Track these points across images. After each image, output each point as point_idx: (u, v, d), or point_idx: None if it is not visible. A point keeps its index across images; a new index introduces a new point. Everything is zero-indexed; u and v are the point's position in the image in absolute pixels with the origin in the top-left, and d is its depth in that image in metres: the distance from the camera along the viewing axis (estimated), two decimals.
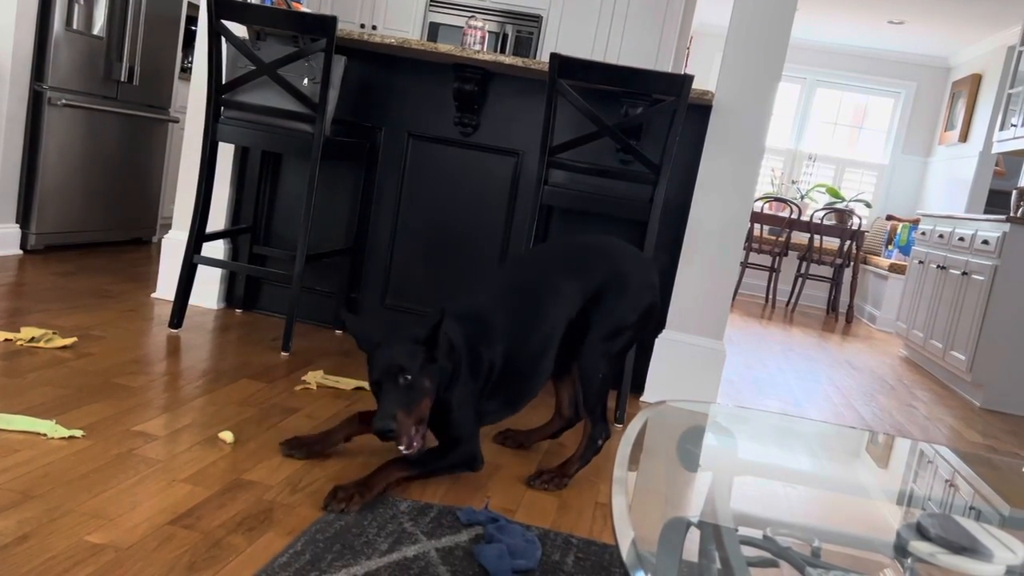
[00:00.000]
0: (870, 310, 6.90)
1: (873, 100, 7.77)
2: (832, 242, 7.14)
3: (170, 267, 3.26)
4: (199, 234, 2.82)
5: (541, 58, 5.61)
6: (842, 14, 6.64)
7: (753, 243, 6.91)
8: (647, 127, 2.99)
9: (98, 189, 4.18)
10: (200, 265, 2.91)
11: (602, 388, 1.98)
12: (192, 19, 4.83)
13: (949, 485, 1.59)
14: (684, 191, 2.97)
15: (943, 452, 1.95)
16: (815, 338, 5.48)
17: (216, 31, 2.68)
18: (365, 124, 3.20)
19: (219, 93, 2.75)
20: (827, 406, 3.47)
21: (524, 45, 5.68)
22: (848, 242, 6.72)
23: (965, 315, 4.23)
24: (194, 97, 3.21)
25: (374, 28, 5.85)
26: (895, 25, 6.69)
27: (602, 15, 5.61)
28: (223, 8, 2.67)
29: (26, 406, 1.94)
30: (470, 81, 3.01)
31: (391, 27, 5.84)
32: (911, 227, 6.65)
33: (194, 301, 3.26)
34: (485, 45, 3.82)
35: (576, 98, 2.55)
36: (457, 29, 5.73)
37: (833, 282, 6.84)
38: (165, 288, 3.27)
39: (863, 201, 7.45)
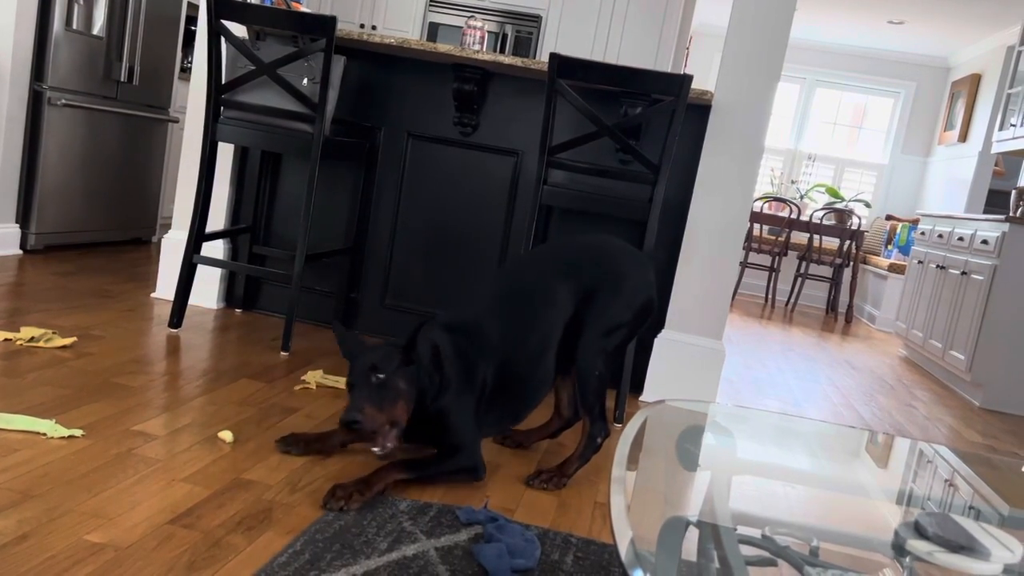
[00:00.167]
0: (869, 310, 6.90)
1: (872, 100, 7.77)
2: (832, 242, 7.14)
3: (170, 267, 3.26)
4: (199, 234, 2.83)
5: (541, 58, 5.61)
6: (842, 14, 6.64)
7: (753, 243, 6.91)
8: (646, 127, 3.00)
9: (98, 189, 4.19)
10: (200, 265, 2.91)
11: (600, 386, 1.98)
12: (192, 19, 4.83)
13: (948, 485, 1.59)
14: (683, 191, 2.97)
15: (942, 452, 1.95)
16: (814, 338, 5.48)
17: (216, 31, 2.68)
18: (365, 124, 3.20)
19: (219, 93, 2.75)
20: (826, 406, 3.47)
21: (524, 45, 5.68)
22: (848, 242, 6.72)
23: (964, 315, 4.23)
24: (194, 97, 3.21)
25: (374, 28, 5.86)
26: (895, 25, 6.69)
27: (602, 15, 5.61)
28: (223, 8, 2.67)
29: (26, 406, 1.94)
30: (470, 81, 3.01)
31: (391, 27, 5.84)
32: (910, 227, 6.65)
33: (194, 301, 3.26)
34: (485, 45, 3.82)
35: (575, 98, 2.55)
36: (457, 29, 5.73)
37: (832, 282, 6.85)
38: (165, 288, 3.28)
39: (863, 201, 7.45)
